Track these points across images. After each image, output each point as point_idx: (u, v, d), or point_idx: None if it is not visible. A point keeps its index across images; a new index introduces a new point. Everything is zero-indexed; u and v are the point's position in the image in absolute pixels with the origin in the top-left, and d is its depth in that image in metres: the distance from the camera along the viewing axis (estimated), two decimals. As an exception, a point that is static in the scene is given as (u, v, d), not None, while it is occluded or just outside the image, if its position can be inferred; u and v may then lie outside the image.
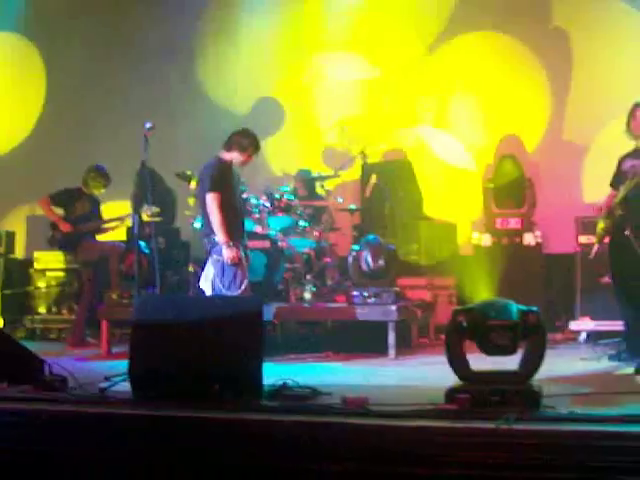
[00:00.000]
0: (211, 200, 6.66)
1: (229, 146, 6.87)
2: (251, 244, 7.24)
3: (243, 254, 6.75)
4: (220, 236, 6.62)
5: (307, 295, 7.93)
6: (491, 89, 9.56)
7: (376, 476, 3.95)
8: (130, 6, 10.78)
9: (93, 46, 10.79)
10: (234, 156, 6.87)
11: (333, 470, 3.99)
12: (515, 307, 4.47)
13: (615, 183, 6.46)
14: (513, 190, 8.96)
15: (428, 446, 3.94)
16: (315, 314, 7.77)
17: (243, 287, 6.63)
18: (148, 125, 6.88)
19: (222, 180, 6.75)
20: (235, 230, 6.75)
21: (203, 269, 6.92)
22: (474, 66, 9.66)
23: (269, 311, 7.17)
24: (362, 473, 3.96)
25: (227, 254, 6.59)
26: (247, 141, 6.87)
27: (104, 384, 5.19)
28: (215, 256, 6.70)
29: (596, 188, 7.03)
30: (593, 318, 7.94)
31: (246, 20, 10.54)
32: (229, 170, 6.88)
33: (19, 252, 10.45)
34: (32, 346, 5.92)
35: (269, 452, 4.14)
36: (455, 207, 9.66)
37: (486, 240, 8.86)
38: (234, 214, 6.82)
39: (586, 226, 7.96)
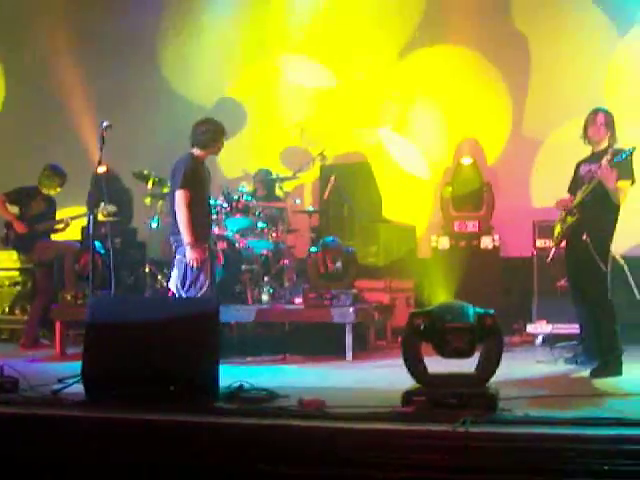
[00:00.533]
0: (180, 197, 6.51)
1: (197, 141, 6.70)
2: (209, 245, 7.17)
3: (209, 256, 6.64)
4: (185, 236, 6.47)
5: (264, 297, 7.90)
6: (451, 96, 9.62)
7: (332, 479, 3.92)
8: (90, 1, 10.69)
9: (52, 42, 10.66)
10: (206, 152, 6.73)
11: (290, 473, 3.98)
12: (472, 310, 4.48)
13: (572, 188, 6.51)
14: (471, 194, 9.02)
15: (384, 449, 3.94)
16: (272, 316, 7.72)
17: (203, 291, 6.50)
18: (105, 124, 6.79)
19: (193, 177, 6.59)
20: (203, 230, 6.61)
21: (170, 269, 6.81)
22: (436, 75, 9.73)
23: (226, 313, 7.10)
24: (318, 476, 3.94)
25: (190, 255, 6.46)
26: (213, 132, 6.71)
27: (57, 386, 5.11)
28: (179, 256, 6.58)
29: (552, 192, 7.06)
30: (550, 321, 7.99)
31: (208, 18, 10.51)
32: (201, 167, 6.74)
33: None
34: (-17, 347, 5.83)
35: (224, 455, 4.11)
36: (414, 210, 9.70)
37: (444, 243, 8.89)
38: (203, 213, 6.69)
39: (543, 230, 8.02)
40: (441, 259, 8.79)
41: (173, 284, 6.65)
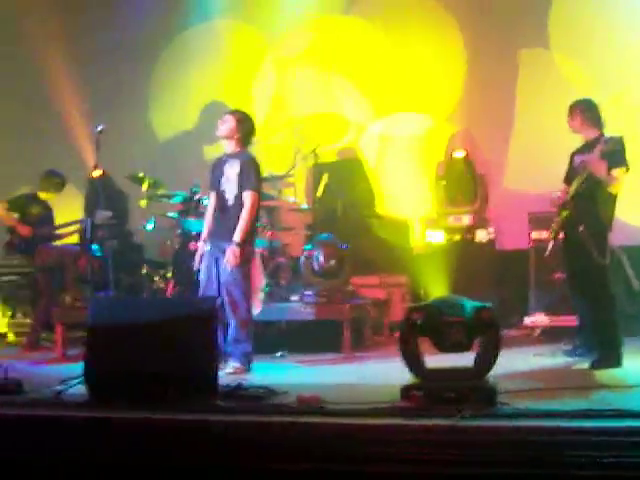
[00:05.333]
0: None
1: (248, 138, 6.60)
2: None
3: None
4: (241, 235, 6.31)
5: (260, 295, 7.91)
6: (437, 83, 9.61)
7: (331, 475, 3.96)
8: (79, 10, 10.69)
9: (44, 42, 10.66)
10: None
11: (289, 469, 4.00)
12: (469, 304, 4.50)
13: (567, 179, 6.52)
14: (465, 187, 9.01)
15: (383, 444, 3.96)
16: (269, 314, 7.73)
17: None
18: (99, 128, 6.83)
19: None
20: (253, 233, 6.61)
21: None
22: (421, 56, 9.72)
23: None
24: (317, 472, 3.97)
25: (238, 254, 6.30)
26: (253, 128, 6.64)
27: (60, 387, 5.15)
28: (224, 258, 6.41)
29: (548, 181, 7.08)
30: (547, 314, 8.00)
31: (198, 28, 10.54)
32: None
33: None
34: (-13, 350, 5.87)
35: (225, 452, 4.13)
36: (407, 204, 9.70)
37: (439, 237, 8.89)
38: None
39: (539, 222, 8.03)
40: (436, 253, 8.79)
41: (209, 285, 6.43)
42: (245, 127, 6.55)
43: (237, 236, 6.30)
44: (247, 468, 4.06)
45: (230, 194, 6.47)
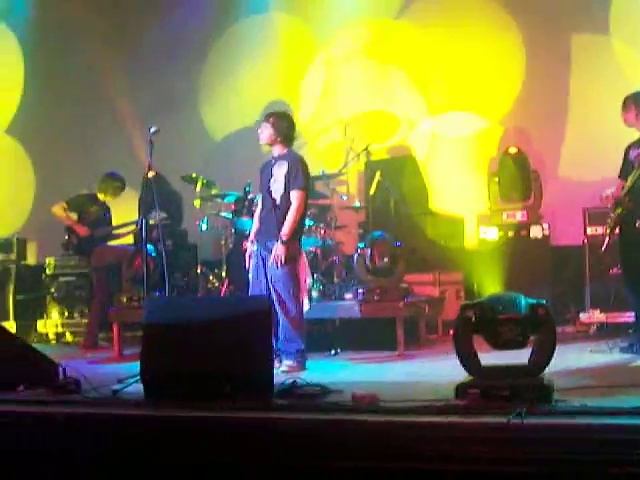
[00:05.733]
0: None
1: (290, 137, 6.62)
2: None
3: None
4: (288, 233, 6.38)
5: (314, 294, 7.94)
6: (492, 76, 9.55)
7: (387, 473, 3.96)
8: (131, 11, 10.82)
9: (97, 46, 10.83)
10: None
11: (344, 467, 4.01)
12: (524, 300, 4.46)
13: (623, 173, 6.43)
14: (518, 183, 8.92)
15: (438, 442, 3.95)
16: (322, 312, 7.76)
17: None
18: (153, 129, 6.89)
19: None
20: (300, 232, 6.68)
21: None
22: (473, 51, 9.65)
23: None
24: (373, 470, 3.97)
25: (284, 252, 6.35)
26: (285, 121, 6.64)
27: (117, 386, 5.23)
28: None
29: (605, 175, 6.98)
30: (603, 310, 7.90)
31: (249, 22, 10.57)
32: None
33: (31, 258, 10.55)
34: (46, 350, 5.99)
35: (280, 450, 4.15)
36: (461, 201, 9.65)
37: (492, 234, 8.83)
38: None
39: (594, 217, 7.94)
40: (490, 250, 8.72)
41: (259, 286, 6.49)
42: (282, 128, 6.56)
43: (283, 234, 6.36)
44: (302, 466, 4.08)
45: (277, 194, 6.51)
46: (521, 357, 4.50)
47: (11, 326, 9.33)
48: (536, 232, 8.68)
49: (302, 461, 4.09)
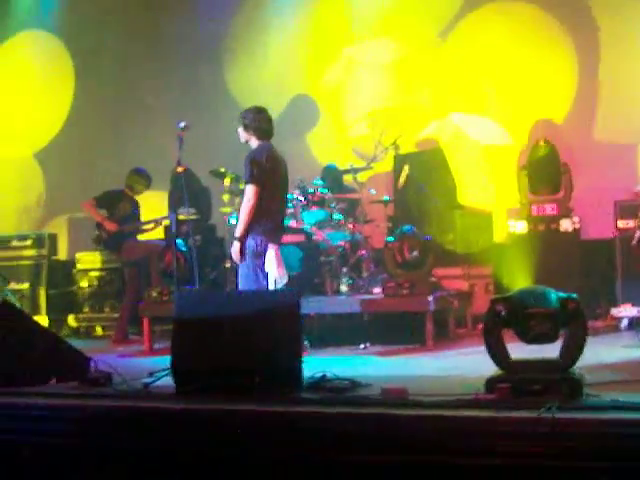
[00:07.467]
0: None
1: (261, 129, 6.63)
2: (286, 238, 7.24)
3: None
4: (240, 230, 6.49)
5: (343, 288, 7.94)
6: (518, 67, 9.52)
7: (417, 466, 3.95)
8: (160, 7, 10.88)
9: (127, 43, 10.91)
10: None
11: (374, 461, 4.01)
12: (554, 294, 4.44)
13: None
14: (548, 175, 8.86)
15: (469, 436, 3.94)
16: (351, 306, 7.76)
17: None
18: (182, 124, 6.93)
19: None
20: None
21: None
22: (498, 43, 9.63)
23: (306, 304, 7.16)
24: (402, 464, 3.97)
25: (237, 250, 6.47)
26: (251, 115, 6.62)
27: (148, 379, 5.26)
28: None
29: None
30: (635, 304, 7.83)
31: (275, 21, 10.62)
32: None
33: (62, 253, 10.66)
34: (77, 344, 6.05)
35: (310, 444, 4.16)
36: (490, 195, 9.61)
37: (522, 227, 8.78)
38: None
39: (625, 210, 7.87)
40: (519, 244, 8.67)
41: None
42: (250, 124, 6.54)
43: (236, 230, 6.41)
44: (332, 460, 4.09)
45: None
46: (552, 351, 4.48)
47: (43, 320, 9.42)
48: (566, 225, 8.62)
49: (331, 455, 4.09)
